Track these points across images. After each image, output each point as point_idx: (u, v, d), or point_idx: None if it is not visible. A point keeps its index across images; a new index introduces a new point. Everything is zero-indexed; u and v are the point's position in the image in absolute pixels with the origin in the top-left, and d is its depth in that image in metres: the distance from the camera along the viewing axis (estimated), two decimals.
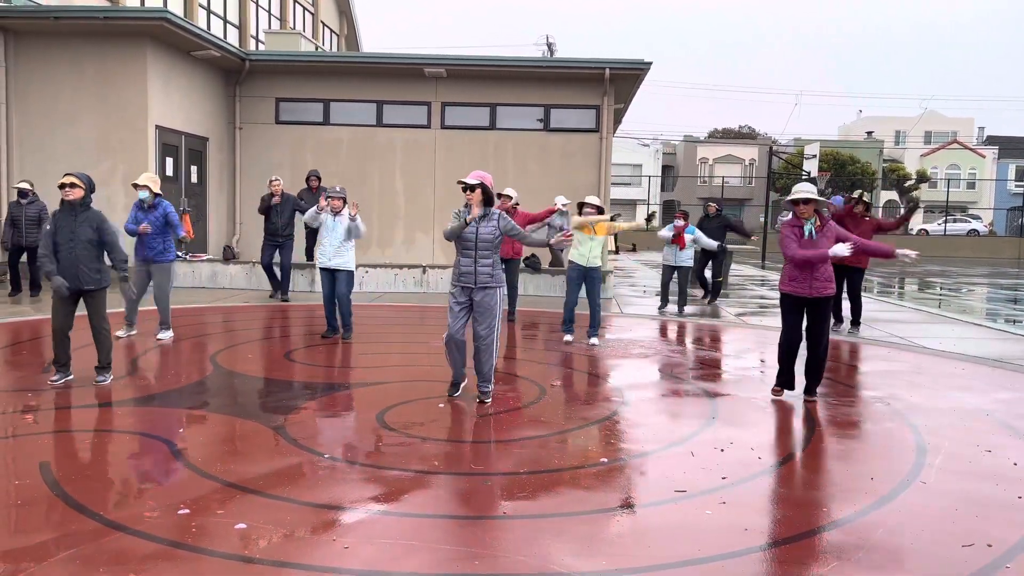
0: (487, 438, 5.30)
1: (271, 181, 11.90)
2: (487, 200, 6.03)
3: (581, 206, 8.97)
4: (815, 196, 6.28)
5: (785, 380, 6.59)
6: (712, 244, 11.93)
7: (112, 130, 13.93)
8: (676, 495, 4.27)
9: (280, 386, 6.68)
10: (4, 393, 6.13)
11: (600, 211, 8.97)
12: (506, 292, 10.83)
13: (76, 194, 6.34)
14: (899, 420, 5.99)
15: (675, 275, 11.82)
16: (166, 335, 8.61)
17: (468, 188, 6.01)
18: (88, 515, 3.79)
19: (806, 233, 6.32)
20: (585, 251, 8.93)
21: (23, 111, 13.99)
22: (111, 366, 6.57)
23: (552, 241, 6.58)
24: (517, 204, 10.57)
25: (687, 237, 11.56)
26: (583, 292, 9.11)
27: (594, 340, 8.98)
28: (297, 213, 11.98)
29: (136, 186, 8.50)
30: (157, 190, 8.49)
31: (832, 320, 10.62)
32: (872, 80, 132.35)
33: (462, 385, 6.31)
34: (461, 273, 6.07)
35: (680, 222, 11.61)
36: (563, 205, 11.70)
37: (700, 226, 13.17)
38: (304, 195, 13.13)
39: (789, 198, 6.36)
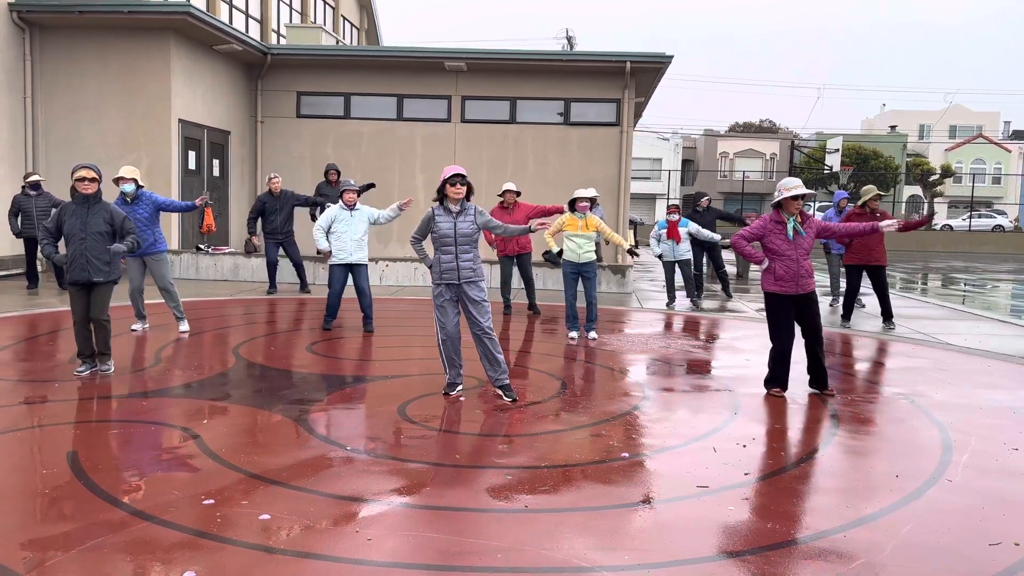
0: (508, 432, 5.30)
1: (270, 179, 11.86)
2: (467, 193, 6.06)
3: (573, 203, 8.86)
4: (807, 191, 6.27)
5: (781, 381, 6.49)
6: (711, 235, 11.93)
7: (136, 123, 14.06)
8: (698, 491, 4.25)
9: (302, 378, 6.72)
10: (31, 383, 6.22)
11: (593, 202, 8.88)
12: (522, 287, 10.90)
13: (93, 188, 6.39)
14: (924, 417, 5.92)
15: (676, 269, 11.80)
16: (185, 326, 8.63)
17: (459, 182, 5.94)
18: (114, 504, 3.84)
19: (790, 231, 6.28)
20: (576, 247, 8.82)
21: (48, 105, 14.15)
22: (111, 354, 6.62)
23: (533, 228, 6.36)
24: (519, 193, 10.57)
25: (682, 230, 11.47)
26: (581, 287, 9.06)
27: (592, 335, 8.93)
28: (298, 209, 12.10)
29: (118, 181, 8.17)
30: (141, 182, 8.34)
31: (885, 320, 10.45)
32: (896, 73, 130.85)
33: (458, 387, 6.22)
34: (443, 270, 6.02)
35: (673, 216, 11.53)
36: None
37: (694, 220, 13.08)
38: (323, 188, 13.14)
39: (788, 194, 6.21)
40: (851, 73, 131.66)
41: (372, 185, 12.99)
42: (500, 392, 6.11)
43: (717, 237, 12.16)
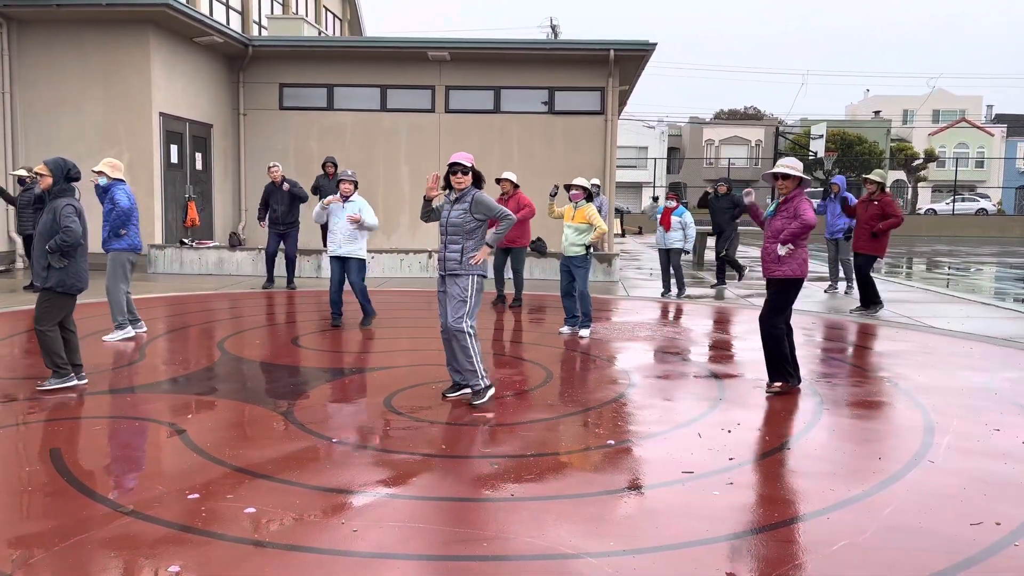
0: (494, 421, 5.30)
1: (270, 168, 11.74)
2: (475, 181, 5.74)
3: (568, 189, 8.67)
4: (791, 172, 5.93)
5: (768, 371, 6.24)
6: (690, 242, 11.43)
7: (117, 117, 13.93)
8: (683, 476, 4.28)
9: (288, 371, 6.70)
10: (15, 380, 6.17)
11: (587, 192, 8.52)
12: (510, 278, 10.83)
13: (44, 183, 5.90)
14: (907, 400, 5.97)
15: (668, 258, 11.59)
16: (114, 336, 7.85)
17: (459, 171, 5.65)
18: (98, 500, 3.82)
19: (765, 213, 6.17)
20: (564, 239, 8.53)
21: (27, 100, 13.99)
22: (61, 371, 5.88)
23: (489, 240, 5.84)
24: (517, 187, 10.48)
25: (674, 219, 11.23)
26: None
27: (583, 332, 8.49)
28: (301, 203, 11.89)
29: (95, 172, 7.86)
30: (115, 175, 7.78)
31: (859, 307, 10.41)
32: (879, 59, 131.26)
33: (462, 389, 5.85)
34: (438, 258, 5.82)
35: (671, 203, 11.33)
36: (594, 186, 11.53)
37: (710, 206, 13.01)
38: (321, 181, 13.06)
39: (769, 171, 6.11)
40: (835, 59, 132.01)
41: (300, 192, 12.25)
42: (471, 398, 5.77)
43: (688, 242, 11.47)
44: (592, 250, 8.56)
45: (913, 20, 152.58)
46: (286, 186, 11.53)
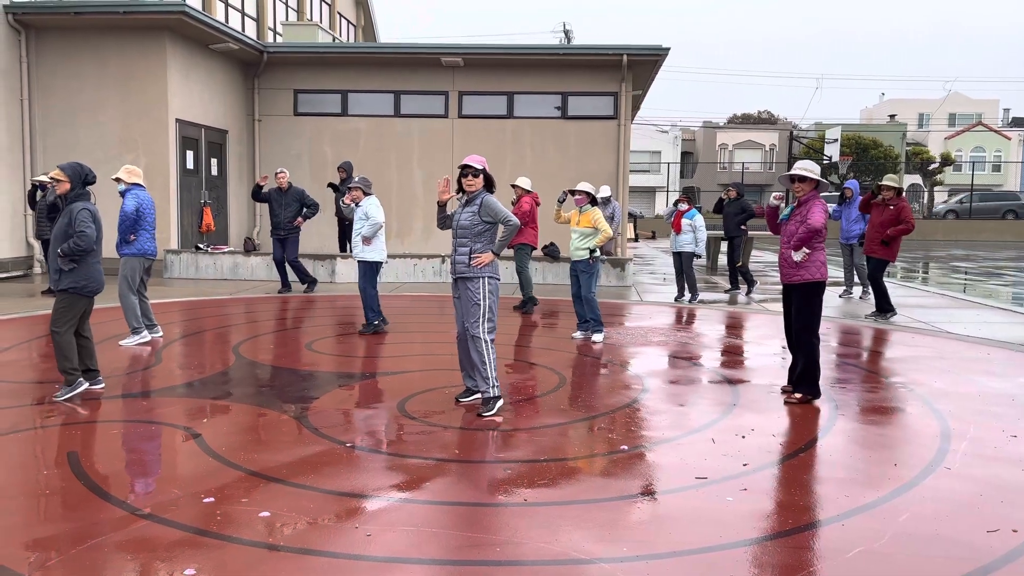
0: (507, 426, 5.31)
1: (277, 174, 11.76)
2: (487, 184, 5.72)
3: (573, 194, 8.66)
4: (808, 174, 5.90)
5: (789, 377, 6.26)
6: (701, 245, 11.32)
7: (133, 124, 14.05)
8: (697, 482, 4.26)
9: (302, 376, 6.73)
10: (33, 384, 6.23)
11: (592, 198, 8.49)
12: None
13: (62, 188, 5.88)
14: (923, 405, 5.93)
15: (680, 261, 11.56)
16: (130, 341, 7.86)
17: (471, 173, 5.63)
18: (115, 503, 3.85)
19: (780, 216, 6.21)
20: (570, 243, 8.56)
21: (45, 106, 14.14)
22: (71, 378, 5.85)
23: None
24: (527, 191, 10.48)
25: (684, 222, 11.20)
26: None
27: (595, 337, 8.47)
28: (310, 216, 11.90)
29: (114, 180, 7.92)
30: (130, 180, 7.77)
31: (875, 312, 10.33)
32: (894, 62, 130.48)
33: (475, 395, 5.86)
34: (451, 262, 5.82)
35: (683, 205, 11.31)
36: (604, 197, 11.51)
37: (720, 211, 13.01)
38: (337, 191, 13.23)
39: (785, 173, 6.14)
40: (849, 63, 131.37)
41: (334, 187, 13.36)
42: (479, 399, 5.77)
43: (699, 248, 11.41)
44: (599, 254, 8.54)
45: (928, 23, 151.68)
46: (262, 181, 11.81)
